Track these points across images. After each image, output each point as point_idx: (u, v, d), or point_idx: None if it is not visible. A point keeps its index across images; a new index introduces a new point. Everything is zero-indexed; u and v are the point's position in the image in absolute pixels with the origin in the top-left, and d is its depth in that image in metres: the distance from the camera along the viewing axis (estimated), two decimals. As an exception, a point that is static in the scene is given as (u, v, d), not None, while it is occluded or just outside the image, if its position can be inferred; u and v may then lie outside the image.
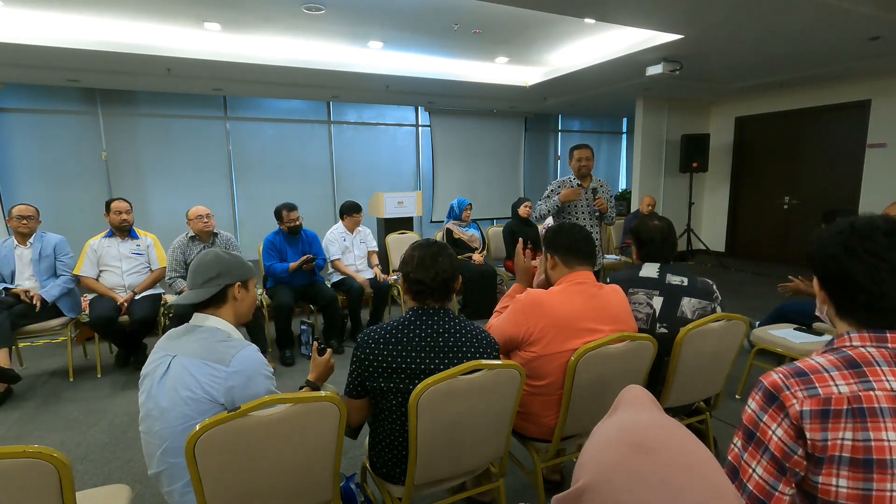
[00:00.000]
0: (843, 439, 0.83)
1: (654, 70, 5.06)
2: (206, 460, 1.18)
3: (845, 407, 0.83)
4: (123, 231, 3.58)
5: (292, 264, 3.75)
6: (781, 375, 0.89)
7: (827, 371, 0.87)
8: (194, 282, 1.46)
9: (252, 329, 3.52)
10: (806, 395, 0.85)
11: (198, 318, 1.46)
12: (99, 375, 3.48)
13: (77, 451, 2.51)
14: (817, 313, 1.05)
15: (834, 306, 0.95)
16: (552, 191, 3.52)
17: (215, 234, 3.74)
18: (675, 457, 0.52)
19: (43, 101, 5.85)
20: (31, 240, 3.41)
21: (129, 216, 3.59)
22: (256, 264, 3.06)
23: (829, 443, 0.83)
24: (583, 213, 3.48)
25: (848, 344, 0.91)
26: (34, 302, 3.26)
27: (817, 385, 0.85)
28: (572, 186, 3.48)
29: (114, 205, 3.56)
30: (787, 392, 0.86)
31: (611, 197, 3.57)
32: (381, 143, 7.79)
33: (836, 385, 0.85)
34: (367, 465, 1.67)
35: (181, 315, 3.27)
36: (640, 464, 0.51)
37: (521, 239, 2.19)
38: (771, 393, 0.88)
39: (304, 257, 3.77)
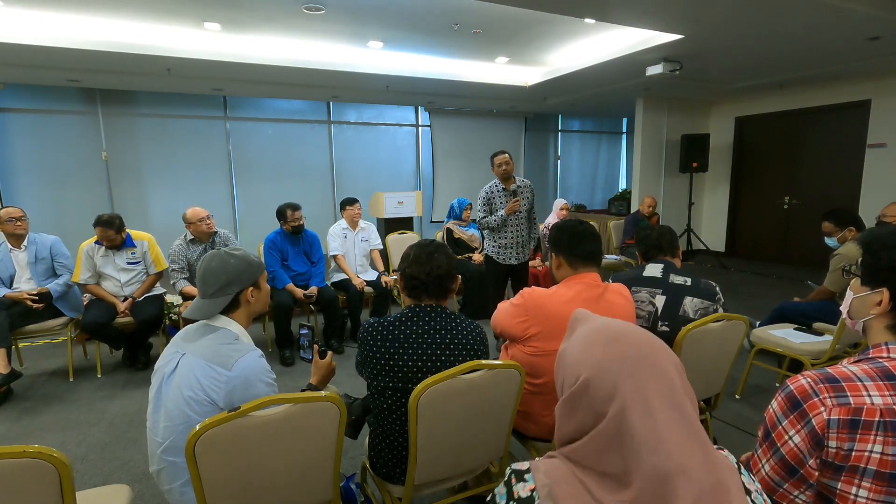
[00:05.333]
0: (871, 451, 0.80)
1: (654, 70, 5.06)
2: (206, 460, 1.18)
3: (877, 419, 0.81)
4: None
5: (289, 286, 3.75)
6: (810, 381, 0.86)
7: (860, 380, 0.84)
8: (204, 291, 1.44)
9: None
10: (835, 403, 0.82)
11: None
12: (99, 375, 3.48)
13: (77, 451, 2.51)
14: (850, 316, 0.99)
15: (892, 319, 0.91)
16: (486, 200, 3.74)
17: (214, 233, 3.73)
18: (640, 336, 0.70)
19: (43, 101, 5.84)
20: (24, 242, 3.39)
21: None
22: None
23: (855, 453, 0.81)
24: (516, 213, 3.71)
25: (885, 355, 0.88)
26: (35, 294, 3.24)
27: (849, 393, 0.83)
28: (497, 190, 3.72)
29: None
30: (815, 399, 0.84)
31: (533, 197, 3.84)
32: (381, 143, 7.79)
33: (870, 396, 0.82)
34: (367, 465, 1.67)
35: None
36: (621, 347, 0.68)
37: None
38: (795, 398, 0.86)
39: (305, 293, 3.76)
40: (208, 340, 1.39)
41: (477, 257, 4.69)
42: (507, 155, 3.74)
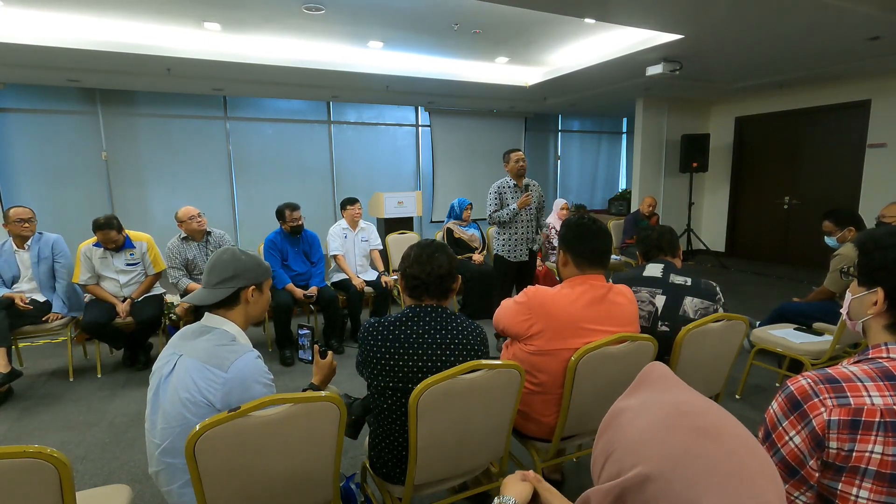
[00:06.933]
0: (871, 452, 0.80)
1: (654, 70, 5.05)
2: (206, 460, 1.18)
3: (878, 420, 0.80)
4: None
5: (289, 286, 3.75)
6: (810, 381, 0.86)
7: (861, 381, 0.84)
8: (208, 280, 1.45)
9: None
10: (836, 404, 0.82)
11: (208, 318, 1.46)
12: (99, 375, 3.48)
13: (77, 451, 2.51)
14: (849, 317, 1.00)
15: (889, 318, 0.91)
16: (498, 195, 3.86)
17: (208, 233, 3.74)
18: (739, 439, 0.52)
19: (43, 101, 5.84)
20: (28, 242, 3.39)
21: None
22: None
23: (855, 454, 0.81)
24: (526, 209, 3.83)
25: (885, 356, 0.88)
26: (52, 322, 3.32)
27: (849, 394, 0.83)
28: (508, 187, 3.84)
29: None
30: (816, 400, 0.84)
31: (541, 198, 3.98)
32: (381, 143, 7.79)
33: (870, 396, 0.82)
34: (367, 465, 1.67)
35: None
36: (711, 449, 0.50)
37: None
38: (796, 399, 0.86)
39: (305, 293, 3.77)
40: (205, 341, 1.38)
41: (477, 257, 4.69)
42: (522, 153, 3.90)
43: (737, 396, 2.99)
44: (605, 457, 0.57)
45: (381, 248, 4.58)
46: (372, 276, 4.33)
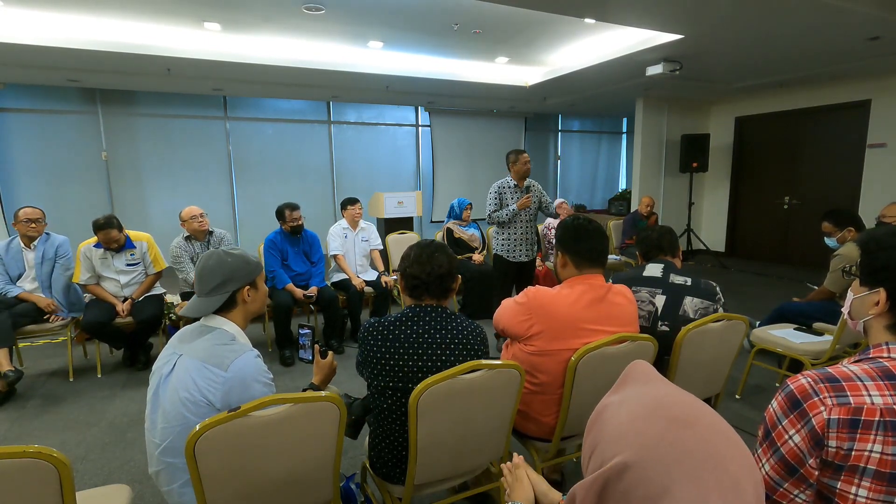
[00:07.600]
0: (870, 451, 0.80)
1: (654, 70, 5.06)
2: (206, 460, 1.18)
3: (877, 419, 0.81)
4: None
5: (289, 286, 3.75)
6: (810, 380, 0.86)
7: (861, 380, 0.84)
8: (201, 290, 1.44)
9: None
10: (835, 403, 0.82)
11: (208, 318, 1.45)
12: (99, 375, 3.48)
13: (77, 451, 2.51)
14: (850, 317, 1.00)
15: (891, 319, 0.91)
16: (498, 195, 3.85)
17: (210, 233, 3.76)
18: (714, 427, 0.54)
19: (43, 101, 5.84)
20: (35, 242, 3.40)
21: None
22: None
23: (855, 453, 0.81)
24: (526, 210, 3.83)
25: (886, 355, 0.88)
26: (53, 321, 3.35)
27: (849, 393, 0.83)
28: (509, 187, 3.84)
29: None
30: (815, 399, 0.84)
31: (542, 193, 4.00)
32: (381, 143, 7.80)
33: (870, 395, 0.82)
34: (367, 465, 1.67)
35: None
36: (685, 437, 0.52)
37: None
38: (795, 398, 0.86)
39: (305, 293, 3.77)
40: (205, 341, 1.38)
41: (477, 257, 4.69)
42: (528, 155, 3.92)
43: (737, 396, 2.99)
44: (590, 452, 0.59)
45: (382, 248, 4.58)
46: (372, 276, 4.33)
